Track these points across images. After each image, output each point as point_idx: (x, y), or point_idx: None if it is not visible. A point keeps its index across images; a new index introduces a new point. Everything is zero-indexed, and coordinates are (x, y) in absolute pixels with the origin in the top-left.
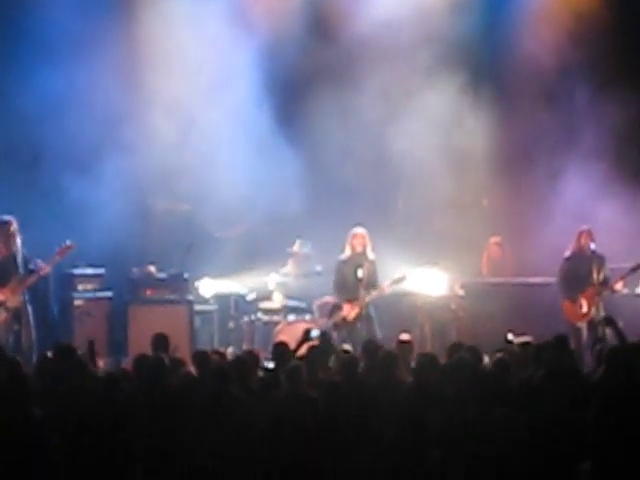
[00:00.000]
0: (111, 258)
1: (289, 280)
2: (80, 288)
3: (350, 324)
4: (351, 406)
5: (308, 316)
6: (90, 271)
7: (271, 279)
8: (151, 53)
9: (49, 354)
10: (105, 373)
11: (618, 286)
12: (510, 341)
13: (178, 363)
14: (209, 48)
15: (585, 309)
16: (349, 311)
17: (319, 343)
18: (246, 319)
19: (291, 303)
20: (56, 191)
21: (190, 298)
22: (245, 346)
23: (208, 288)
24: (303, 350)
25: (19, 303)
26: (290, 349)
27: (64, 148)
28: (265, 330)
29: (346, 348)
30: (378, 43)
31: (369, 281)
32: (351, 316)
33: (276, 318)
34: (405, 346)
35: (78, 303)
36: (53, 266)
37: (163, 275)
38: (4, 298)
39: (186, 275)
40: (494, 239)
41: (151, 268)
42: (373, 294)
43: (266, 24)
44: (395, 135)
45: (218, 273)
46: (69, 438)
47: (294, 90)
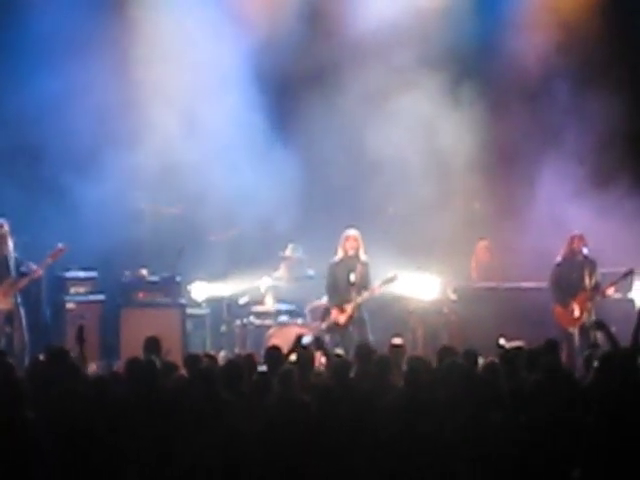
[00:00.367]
0: (103, 261)
1: (281, 284)
2: (72, 291)
3: (342, 328)
4: (343, 410)
5: (300, 320)
6: (82, 274)
7: (263, 283)
8: (146, 54)
9: (41, 357)
10: (97, 376)
11: (609, 292)
12: (502, 346)
13: (172, 367)
14: (202, 49)
15: (577, 314)
16: (338, 315)
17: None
18: (238, 323)
19: (283, 307)
20: (49, 194)
21: (182, 301)
22: (237, 350)
23: (200, 291)
24: (294, 356)
25: (11, 306)
26: (283, 353)
27: (57, 151)
28: (257, 334)
29: (338, 352)
30: (368, 46)
31: (361, 284)
32: (342, 320)
33: (268, 322)
34: (398, 350)
35: (70, 306)
36: (45, 269)
37: (155, 278)
38: None
39: (178, 278)
40: (482, 243)
41: (143, 271)
42: (364, 295)
43: (258, 25)
44: (386, 139)
45: (210, 276)
46: (61, 441)
47: (287, 93)
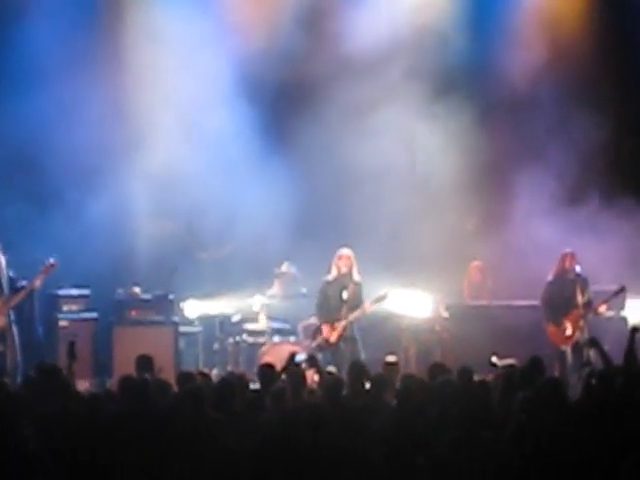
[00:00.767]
0: (96, 279)
1: (275, 301)
2: (65, 309)
3: (333, 346)
4: (335, 428)
5: (293, 338)
6: (75, 292)
7: (256, 301)
8: (141, 68)
9: (33, 374)
10: (90, 394)
11: (602, 309)
12: (494, 364)
13: (164, 385)
14: (195, 62)
15: (569, 332)
16: (329, 333)
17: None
18: (231, 340)
19: (276, 325)
20: (41, 212)
21: (175, 319)
22: (230, 368)
23: (193, 309)
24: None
25: (4, 324)
26: (275, 371)
27: (50, 170)
28: (250, 351)
29: (330, 370)
30: (360, 61)
31: (353, 303)
32: (333, 338)
33: (261, 340)
34: (392, 368)
35: (63, 324)
36: (39, 284)
37: (148, 296)
38: None
39: (171, 296)
40: (475, 263)
41: (136, 289)
42: (355, 313)
43: (250, 38)
44: (376, 156)
45: (203, 294)
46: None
47: (280, 107)
